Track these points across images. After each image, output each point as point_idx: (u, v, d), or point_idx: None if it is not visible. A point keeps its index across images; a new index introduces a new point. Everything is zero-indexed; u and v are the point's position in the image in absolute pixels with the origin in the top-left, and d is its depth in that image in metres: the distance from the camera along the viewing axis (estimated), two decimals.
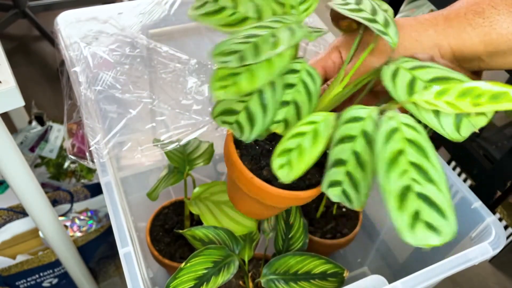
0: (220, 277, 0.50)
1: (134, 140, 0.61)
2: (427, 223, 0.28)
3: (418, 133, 0.31)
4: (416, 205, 0.29)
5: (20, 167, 0.59)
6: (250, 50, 0.32)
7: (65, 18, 0.67)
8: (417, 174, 0.30)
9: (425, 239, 0.28)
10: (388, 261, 0.80)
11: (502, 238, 0.52)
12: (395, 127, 0.31)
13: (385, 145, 0.30)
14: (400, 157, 0.30)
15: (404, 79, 0.34)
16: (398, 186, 0.30)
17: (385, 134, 0.31)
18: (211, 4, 0.40)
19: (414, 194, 0.29)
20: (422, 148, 0.30)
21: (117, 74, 0.62)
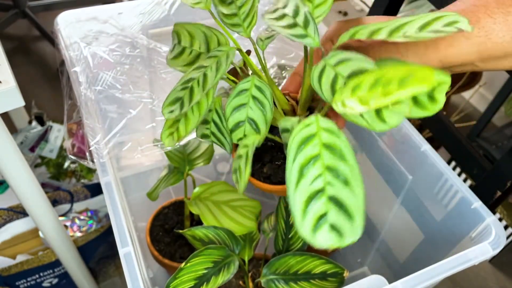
0: (220, 277, 0.50)
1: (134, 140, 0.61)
2: (332, 225, 0.28)
3: (336, 137, 0.30)
4: (325, 208, 0.28)
5: (20, 167, 0.59)
6: (187, 96, 0.38)
7: (65, 18, 0.67)
8: (332, 177, 0.29)
9: (326, 241, 0.28)
10: (388, 261, 0.80)
11: (502, 238, 0.52)
12: (314, 132, 0.30)
13: (298, 150, 0.30)
14: (317, 161, 0.29)
15: (328, 78, 0.34)
16: (310, 190, 0.29)
17: (297, 143, 0.30)
18: (177, 46, 0.44)
19: (326, 197, 0.28)
20: (339, 150, 0.29)
21: (117, 74, 0.62)
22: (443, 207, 0.61)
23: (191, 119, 0.41)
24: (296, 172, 0.29)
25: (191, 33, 0.44)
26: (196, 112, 0.40)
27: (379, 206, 0.79)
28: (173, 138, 0.41)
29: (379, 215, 0.79)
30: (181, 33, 0.44)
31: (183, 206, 0.77)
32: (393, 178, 0.71)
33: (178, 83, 0.39)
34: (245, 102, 0.40)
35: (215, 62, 0.39)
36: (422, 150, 0.61)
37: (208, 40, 0.43)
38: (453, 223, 0.60)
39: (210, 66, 0.38)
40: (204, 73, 0.38)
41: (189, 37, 0.44)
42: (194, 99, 0.37)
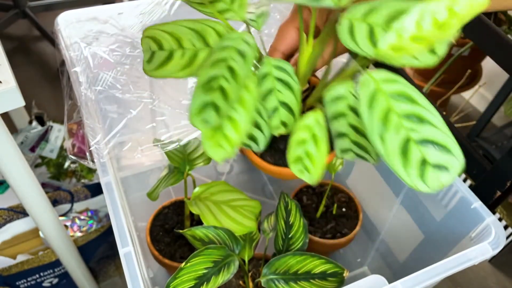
0: (220, 277, 0.50)
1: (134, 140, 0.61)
2: (434, 165, 0.29)
3: (399, 84, 0.31)
4: (419, 154, 0.29)
5: (21, 167, 0.59)
6: (219, 98, 0.32)
7: (66, 18, 0.67)
8: (410, 123, 0.30)
9: (437, 182, 0.29)
10: (388, 261, 0.80)
11: (502, 238, 0.52)
12: (374, 90, 0.31)
13: (371, 113, 0.30)
14: (390, 115, 0.30)
15: (362, 33, 0.32)
16: (396, 143, 0.29)
17: (367, 103, 0.31)
18: (159, 53, 0.38)
19: (414, 143, 0.29)
20: (407, 96, 0.30)
21: (117, 74, 0.62)
22: (443, 207, 0.61)
23: (238, 120, 0.34)
24: (377, 132, 0.30)
25: (173, 34, 0.39)
26: (241, 110, 0.34)
27: (379, 206, 0.79)
28: (224, 148, 0.33)
29: (379, 215, 0.79)
30: (159, 37, 0.39)
31: (183, 206, 0.77)
32: (393, 178, 0.71)
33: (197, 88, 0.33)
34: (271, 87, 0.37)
35: (235, 52, 0.34)
36: None
37: (202, 35, 0.38)
38: (453, 223, 0.60)
39: (231, 58, 0.33)
40: (229, 67, 0.33)
41: (172, 38, 0.39)
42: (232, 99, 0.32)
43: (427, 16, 0.27)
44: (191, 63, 0.38)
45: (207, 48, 0.38)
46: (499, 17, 1.14)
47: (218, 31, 0.38)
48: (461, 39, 1.20)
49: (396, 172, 0.29)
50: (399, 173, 0.29)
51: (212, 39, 0.38)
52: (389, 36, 0.29)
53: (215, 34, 0.38)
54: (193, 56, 0.38)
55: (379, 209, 0.79)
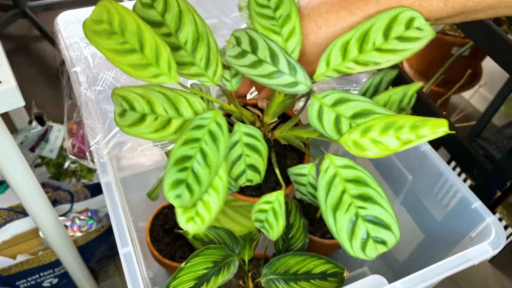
0: (220, 277, 0.50)
1: (134, 140, 0.61)
2: (376, 239, 0.35)
3: (356, 170, 0.36)
4: (364, 229, 0.35)
5: (20, 167, 0.59)
6: (192, 179, 0.35)
7: (65, 18, 0.67)
8: (361, 202, 0.35)
9: (375, 251, 0.35)
10: (388, 261, 0.80)
11: (502, 238, 0.52)
12: (333, 174, 0.36)
13: (327, 195, 0.36)
14: (343, 196, 0.36)
15: (329, 119, 0.36)
16: (347, 219, 0.35)
17: (324, 187, 0.36)
18: (131, 113, 0.38)
19: (362, 220, 0.35)
20: (362, 180, 0.36)
21: (117, 74, 0.62)
22: (443, 207, 0.61)
23: (210, 202, 0.36)
24: (331, 214, 0.36)
25: (146, 97, 0.38)
26: (212, 193, 0.36)
27: None
28: (196, 223, 0.36)
29: None
30: (131, 98, 0.38)
31: None
32: (393, 178, 0.71)
33: (170, 162, 0.35)
34: (240, 153, 0.40)
35: (208, 134, 0.36)
36: (422, 150, 0.61)
37: (174, 102, 0.38)
38: (453, 223, 0.60)
39: (203, 140, 0.36)
40: (201, 149, 0.35)
41: (145, 101, 0.38)
42: (204, 183, 0.35)
43: (390, 129, 0.33)
44: (164, 128, 0.38)
45: (179, 117, 0.38)
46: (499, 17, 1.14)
47: (190, 102, 0.38)
48: (461, 39, 1.20)
49: (341, 245, 0.35)
50: (344, 245, 0.35)
51: (185, 109, 0.38)
52: (353, 133, 0.35)
53: (188, 105, 0.38)
54: (166, 122, 0.38)
55: None
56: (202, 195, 0.36)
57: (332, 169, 0.36)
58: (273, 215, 0.41)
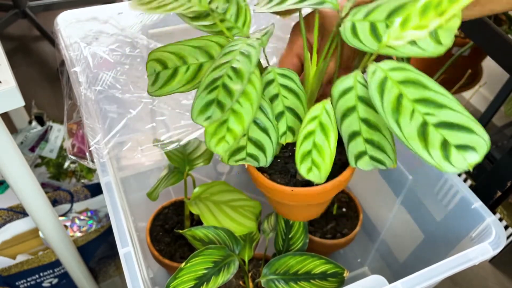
0: (220, 277, 0.50)
1: (134, 140, 0.61)
2: (459, 146, 0.29)
3: (408, 71, 0.31)
4: (440, 136, 0.29)
5: (20, 167, 0.59)
6: (222, 94, 0.32)
7: (65, 18, 0.67)
8: (425, 108, 0.30)
9: (464, 161, 0.29)
10: (388, 261, 0.80)
11: (502, 238, 0.52)
12: (383, 77, 0.31)
13: (382, 98, 0.30)
14: (402, 100, 0.30)
15: (364, 30, 0.33)
16: (413, 128, 0.29)
17: (377, 89, 0.31)
18: (163, 72, 0.39)
19: (433, 127, 0.29)
20: (418, 82, 0.30)
21: (117, 74, 0.62)
22: (443, 207, 0.61)
23: (242, 113, 0.34)
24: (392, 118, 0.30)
25: (178, 53, 0.40)
26: (245, 103, 0.34)
27: (379, 206, 0.79)
28: (227, 142, 0.34)
29: (379, 215, 0.79)
30: (163, 58, 0.40)
31: (183, 206, 0.77)
32: (393, 178, 0.71)
33: (199, 91, 0.34)
34: (277, 92, 0.38)
35: (239, 54, 0.34)
36: None
37: (206, 49, 0.39)
38: (453, 223, 0.60)
39: (235, 59, 0.34)
40: (232, 67, 0.33)
41: (177, 57, 0.40)
42: (235, 93, 0.32)
43: (431, 11, 0.28)
44: (195, 77, 0.39)
45: (211, 60, 0.39)
46: (499, 17, 1.14)
47: (221, 44, 0.39)
48: (461, 39, 1.20)
49: (420, 156, 0.29)
50: (422, 156, 0.29)
51: (216, 52, 0.39)
52: (392, 28, 0.29)
53: (218, 47, 0.39)
54: (197, 69, 0.39)
55: (379, 209, 0.79)
56: (233, 104, 0.32)
57: (380, 73, 0.31)
58: (321, 132, 0.35)
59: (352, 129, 0.35)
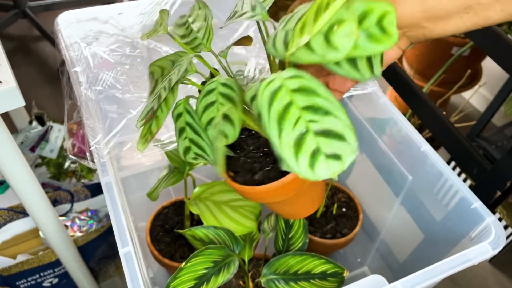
0: (220, 277, 0.50)
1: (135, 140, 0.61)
2: (329, 155, 0.29)
3: (303, 78, 0.31)
4: (315, 144, 0.29)
5: (21, 167, 0.59)
6: (156, 102, 0.42)
7: (66, 18, 0.67)
8: (312, 114, 0.30)
9: (328, 170, 0.29)
10: (388, 261, 0.80)
11: (502, 238, 0.52)
12: (279, 85, 0.31)
13: (270, 108, 0.30)
14: (291, 108, 0.30)
15: (280, 39, 0.34)
16: (293, 137, 0.30)
17: (268, 99, 0.31)
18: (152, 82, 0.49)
19: (312, 135, 0.30)
20: (310, 89, 0.30)
21: (117, 74, 0.62)
22: (443, 207, 0.61)
23: (160, 117, 0.43)
24: (275, 126, 0.30)
25: (161, 66, 0.49)
26: (165, 108, 0.43)
27: (379, 206, 0.79)
28: (147, 140, 0.44)
29: (379, 215, 0.79)
30: (153, 70, 0.49)
31: (183, 206, 0.77)
32: (393, 178, 0.71)
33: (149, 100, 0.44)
34: (214, 100, 0.41)
35: (177, 68, 0.43)
36: (422, 150, 0.61)
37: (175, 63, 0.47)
38: (453, 223, 0.60)
39: (174, 73, 0.43)
40: (169, 79, 0.42)
41: (160, 69, 0.48)
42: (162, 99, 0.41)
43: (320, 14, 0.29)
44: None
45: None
46: None
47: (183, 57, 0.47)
48: (461, 39, 1.20)
49: (287, 163, 0.29)
50: (290, 163, 0.29)
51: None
52: (295, 34, 0.31)
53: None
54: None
55: (379, 209, 0.79)
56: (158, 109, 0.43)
57: (277, 81, 0.31)
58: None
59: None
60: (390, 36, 0.29)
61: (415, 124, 1.22)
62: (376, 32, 0.29)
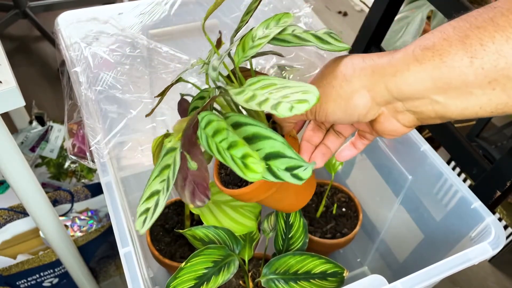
0: (220, 276, 0.50)
1: (135, 140, 0.61)
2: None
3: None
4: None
5: (21, 167, 0.59)
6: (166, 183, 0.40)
7: (66, 18, 0.67)
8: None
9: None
10: (388, 261, 0.80)
11: (501, 238, 0.52)
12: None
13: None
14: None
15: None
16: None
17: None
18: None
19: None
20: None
21: (117, 75, 0.62)
22: (443, 207, 0.61)
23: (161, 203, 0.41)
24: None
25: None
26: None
27: (379, 206, 0.79)
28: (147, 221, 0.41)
29: (379, 215, 0.79)
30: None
31: (183, 206, 0.77)
32: (393, 178, 0.71)
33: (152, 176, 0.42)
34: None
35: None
36: (422, 150, 0.61)
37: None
38: (453, 223, 0.60)
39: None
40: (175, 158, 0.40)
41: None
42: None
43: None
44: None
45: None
46: None
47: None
48: None
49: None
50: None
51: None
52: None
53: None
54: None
55: (379, 209, 0.79)
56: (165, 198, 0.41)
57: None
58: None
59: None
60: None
61: None
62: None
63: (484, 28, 0.28)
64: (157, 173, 0.42)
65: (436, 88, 0.31)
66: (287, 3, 0.74)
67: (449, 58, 0.30)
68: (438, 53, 0.30)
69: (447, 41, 0.30)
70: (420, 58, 0.31)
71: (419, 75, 0.31)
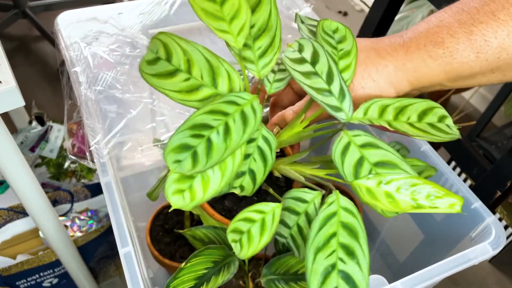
0: (220, 277, 0.50)
1: (134, 140, 0.61)
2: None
3: (354, 217, 0.35)
4: (336, 283, 0.33)
5: (21, 167, 0.59)
6: (202, 149, 0.31)
7: (66, 18, 0.67)
8: (344, 254, 0.34)
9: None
10: (388, 261, 0.80)
11: (502, 238, 0.52)
12: (333, 212, 0.35)
13: (319, 230, 0.34)
14: (332, 240, 0.34)
15: (352, 158, 0.36)
16: (323, 266, 0.33)
17: (322, 219, 0.35)
18: (163, 63, 0.35)
19: (337, 273, 0.33)
20: (353, 230, 0.35)
21: (117, 74, 0.62)
22: None
23: (210, 180, 0.33)
24: (313, 252, 0.34)
25: (187, 53, 0.36)
26: (217, 172, 0.33)
27: None
28: (183, 197, 0.32)
29: (379, 215, 0.79)
30: (170, 48, 0.35)
31: None
32: None
33: (185, 125, 0.31)
34: (251, 153, 0.38)
35: (239, 113, 0.33)
36: (422, 150, 0.61)
37: (214, 72, 0.36)
38: (453, 223, 0.60)
39: (232, 116, 0.33)
40: (226, 123, 0.32)
41: (185, 58, 0.36)
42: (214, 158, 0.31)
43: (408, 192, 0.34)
44: (190, 92, 0.36)
45: (212, 88, 0.36)
46: None
47: (231, 78, 0.36)
48: None
49: (308, 284, 0.33)
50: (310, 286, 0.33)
51: (222, 82, 0.36)
52: (371, 179, 0.35)
53: (227, 79, 0.36)
54: (196, 87, 0.36)
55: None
56: (206, 168, 0.31)
57: (334, 206, 0.36)
58: (260, 227, 0.38)
59: (286, 220, 0.42)
60: None
61: None
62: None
63: (486, 23, 0.33)
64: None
65: (447, 79, 0.37)
66: (287, 3, 0.74)
67: (458, 55, 0.35)
68: (448, 50, 0.35)
69: (454, 38, 0.35)
70: (434, 55, 0.36)
71: (435, 71, 0.37)
